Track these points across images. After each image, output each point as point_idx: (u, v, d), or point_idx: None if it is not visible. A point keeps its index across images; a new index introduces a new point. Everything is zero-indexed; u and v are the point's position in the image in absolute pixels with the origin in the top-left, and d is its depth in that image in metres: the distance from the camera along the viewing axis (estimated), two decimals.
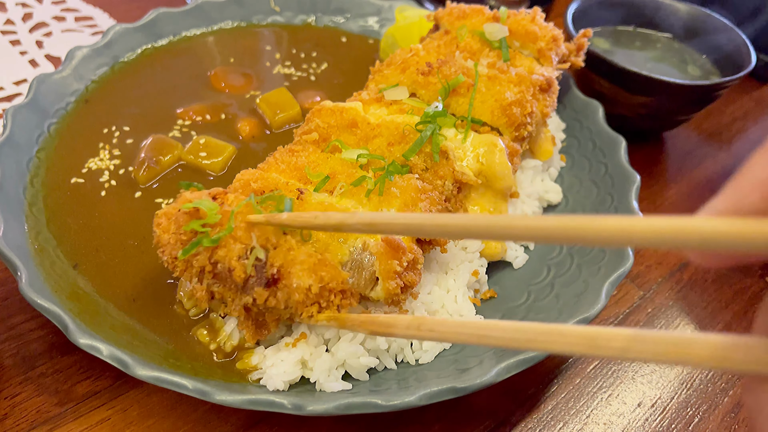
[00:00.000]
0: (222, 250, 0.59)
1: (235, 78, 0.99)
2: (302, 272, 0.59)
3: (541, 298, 0.75)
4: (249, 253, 0.58)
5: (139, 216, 0.78)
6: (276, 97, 0.93)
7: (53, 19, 1.18)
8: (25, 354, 0.70)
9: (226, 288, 0.61)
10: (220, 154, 0.85)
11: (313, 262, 0.60)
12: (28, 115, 0.83)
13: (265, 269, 0.59)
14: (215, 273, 0.60)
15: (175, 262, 0.62)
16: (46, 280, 0.67)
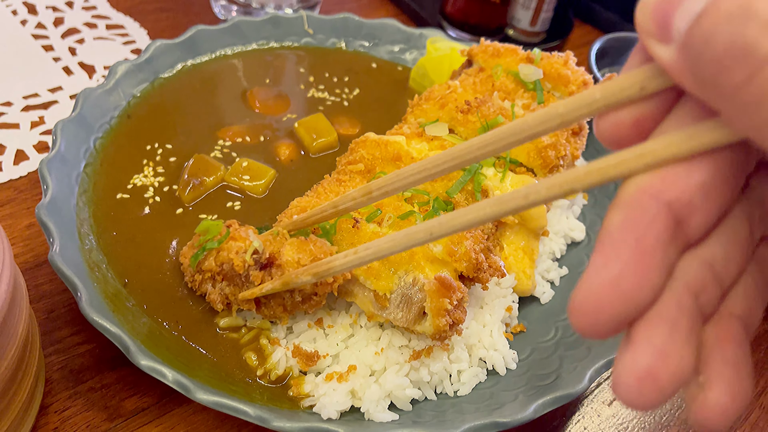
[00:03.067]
0: (225, 251, 0.68)
1: (271, 99, 1.01)
2: (291, 250, 0.66)
3: (568, 335, 0.79)
4: (249, 249, 0.66)
5: (182, 233, 0.81)
6: (314, 122, 0.96)
7: (84, 26, 1.19)
8: (72, 368, 0.72)
9: (236, 287, 0.69)
10: (263, 177, 0.87)
11: (301, 241, 0.68)
12: (75, 129, 0.84)
13: (260, 258, 0.66)
14: (223, 275, 0.69)
15: (194, 278, 0.71)
16: (103, 299, 0.69)
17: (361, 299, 0.69)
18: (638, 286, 0.29)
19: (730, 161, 0.30)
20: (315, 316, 0.73)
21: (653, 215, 0.30)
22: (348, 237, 0.69)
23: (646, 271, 0.29)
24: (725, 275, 0.32)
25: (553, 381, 0.71)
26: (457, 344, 0.72)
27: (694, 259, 0.31)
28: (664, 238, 0.30)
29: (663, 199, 0.30)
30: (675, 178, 0.30)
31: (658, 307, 0.30)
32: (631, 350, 0.29)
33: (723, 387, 0.30)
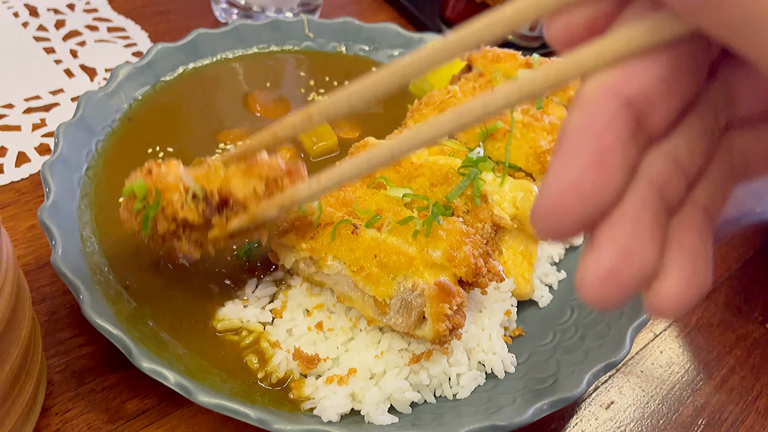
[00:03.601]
0: (169, 207, 0.63)
1: (272, 103, 1.02)
2: (239, 181, 0.63)
3: (566, 339, 0.80)
4: (187, 196, 0.63)
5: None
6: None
7: (86, 28, 1.19)
8: (74, 369, 0.73)
9: (200, 232, 0.66)
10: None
11: (242, 169, 0.63)
12: (77, 132, 0.85)
13: (209, 199, 0.63)
14: (184, 225, 0.65)
15: (150, 242, 0.67)
16: (105, 302, 0.69)
17: (361, 305, 0.70)
18: (599, 188, 0.28)
19: (691, 52, 0.29)
20: (315, 319, 0.73)
21: (612, 114, 0.29)
22: (347, 243, 0.70)
23: (606, 172, 0.28)
24: (690, 167, 0.31)
25: (551, 384, 0.72)
26: (456, 348, 0.73)
27: (658, 155, 0.30)
28: (624, 136, 0.29)
29: (622, 96, 0.29)
30: (634, 73, 0.29)
31: (622, 207, 0.29)
32: (594, 251, 0.29)
33: (679, 275, 0.30)
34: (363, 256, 0.69)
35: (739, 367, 0.90)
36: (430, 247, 0.71)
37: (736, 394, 0.87)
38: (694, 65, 0.30)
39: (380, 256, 0.68)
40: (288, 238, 0.72)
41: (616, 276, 0.28)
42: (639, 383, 0.85)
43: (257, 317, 0.74)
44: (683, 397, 0.85)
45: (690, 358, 0.90)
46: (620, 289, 0.29)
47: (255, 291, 0.77)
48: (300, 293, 0.75)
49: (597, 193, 0.28)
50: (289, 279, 0.78)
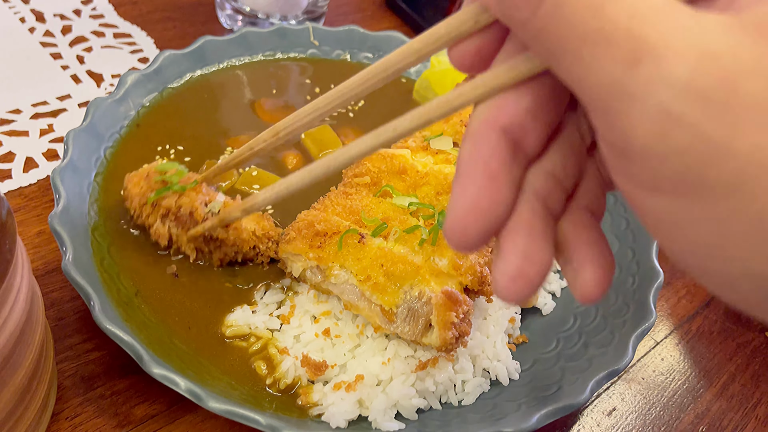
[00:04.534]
0: (187, 197, 0.75)
1: (278, 109, 1.03)
2: (248, 221, 0.77)
3: (570, 346, 0.81)
4: (208, 202, 0.76)
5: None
6: (320, 134, 0.98)
7: (92, 34, 1.20)
8: (83, 375, 0.74)
9: (183, 229, 0.76)
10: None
11: (257, 215, 0.80)
12: (86, 139, 0.86)
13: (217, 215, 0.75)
14: (177, 216, 0.75)
15: (142, 209, 0.77)
16: (116, 308, 0.70)
17: (368, 313, 0.71)
18: (493, 203, 0.34)
19: (551, 84, 0.35)
20: (322, 326, 0.74)
21: (493, 143, 0.34)
22: (354, 252, 0.71)
23: (496, 190, 0.34)
24: (566, 180, 0.37)
25: (555, 391, 0.73)
26: (462, 355, 0.74)
27: (538, 172, 0.36)
28: (506, 159, 0.34)
29: (498, 126, 0.34)
30: (505, 105, 0.34)
31: (515, 217, 0.35)
32: (502, 257, 0.34)
33: (592, 265, 0.36)
34: (369, 265, 0.70)
35: (740, 375, 0.91)
36: (436, 256, 0.72)
37: (736, 402, 0.88)
38: (554, 96, 0.35)
39: (387, 265, 0.69)
40: (295, 246, 0.73)
41: (522, 274, 0.34)
42: (640, 390, 0.86)
43: (265, 323, 0.75)
44: (684, 404, 0.86)
45: (691, 366, 0.91)
46: (528, 285, 0.34)
47: (263, 297, 0.78)
48: (307, 300, 0.76)
49: (491, 208, 0.34)
50: (297, 286, 0.79)
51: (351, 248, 0.71)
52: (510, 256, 0.34)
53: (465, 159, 0.35)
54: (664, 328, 0.96)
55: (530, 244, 0.34)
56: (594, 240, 0.37)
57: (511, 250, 0.34)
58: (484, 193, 0.34)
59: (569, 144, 0.37)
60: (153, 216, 0.77)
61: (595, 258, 0.36)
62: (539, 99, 0.35)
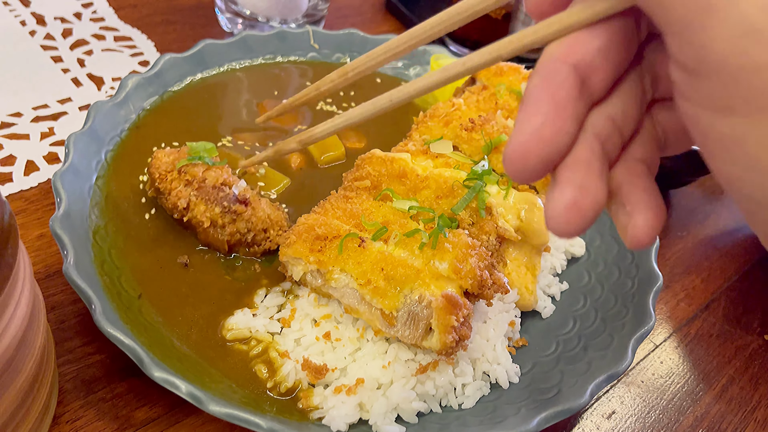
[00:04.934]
0: (213, 172, 0.81)
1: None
2: (264, 207, 0.83)
3: (569, 349, 0.81)
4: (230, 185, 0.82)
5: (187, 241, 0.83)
6: None
7: (93, 37, 1.20)
8: (84, 378, 0.74)
9: (201, 201, 0.80)
10: (277, 185, 0.90)
11: (273, 206, 0.85)
12: (87, 142, 0.86)
13: (239, 195, 0.81)
14: (200, 185, 0.80)
15: (168, 174, 0.81)
16: (116, 311, 0.70)
17: (368, 317, 0.71)
18: (556, 133, 0.35)
19: (624, 28, 0.36)
20: (322, 329, 0.74)
21: (563, 76, 0.35)
22: (354, 256, 0.71)
23: (561, 121, 0.35)
24: (624, 127, 0.38)
25: (555, 395, 0.73)
26: (462, 358, 0.74)
27: (600, 114, 0.37)
28: (573, 94, 0.35)
29: (569, 62, 0.35)
30: (578, 43, 0.36)
31: (575, 153, 0.36)
32: (558, 189, 0.36)
33: (646, 209, 0.37)
34: (370, 269, 0.70)
35: (738, 378, 0.91)
36: (436, 260, 0.72)
37: (735, 404, 0.88)
38: (625, 41, 0.37)
39: (387, 269, 0.69)
40: (295, 250, 0.73)
41: (577, 206, 0.35)
42: (640, 393, 0.87)
43: (266, 327, 0.75)
44: (683, 407, 0.86)
45: (690, 369, 0.91)
46: (581, 217, 0.35)
47: (264, 300, 0.78)
48: (308, 303, 0.76)
49: (554, 138, 0.35)
50: (297, 289, 0.79)
51: (351, 252, 0.72)
52: (567, 186, 0.35)
53: (533, 89, 0.36)
54: (664, 331, 0.96)
55: (587, 178, 0.35)
56: (647, 187, 0.38)
57: (569, 182, 0.36)
58: (549, 122, 0.35)
59: (632, 94, 0.39)
60: (177, 181, 0.81)
61: (649, 203, 0.37)
62: (611, 40, 0.36)
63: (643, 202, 0.37)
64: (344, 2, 1.49)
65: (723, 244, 1.13)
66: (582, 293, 0.90)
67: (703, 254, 1.10)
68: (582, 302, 0.88)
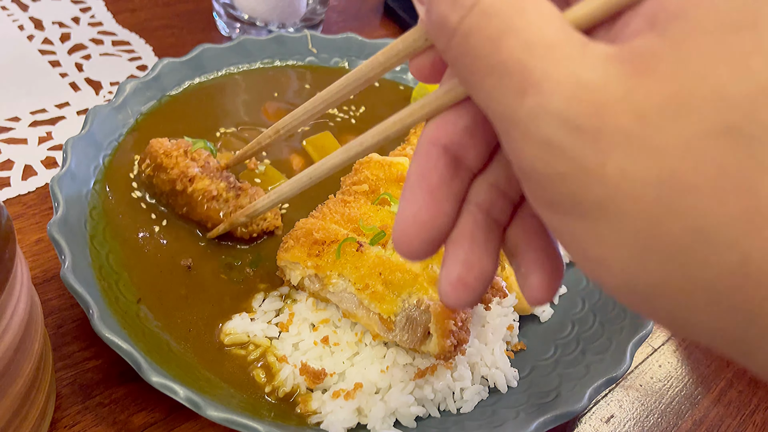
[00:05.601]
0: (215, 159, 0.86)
1: (283, 112, 1.03)
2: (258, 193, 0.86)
3: (568, 353, 0.81)
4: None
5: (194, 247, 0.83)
6: (322, 140, 0.98)
7: (91, 42, 1.20)
8: (81, 383, 0.73)
9: (206, 176, 0.83)
10: (274, 183, 0.92)
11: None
12: (85, 147, 0.86)
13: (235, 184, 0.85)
14: (204, 166, 0.84)
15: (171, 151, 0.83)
16: (114, 315, 0.70)
17: (366, 321, 0.71)
18: (434, 217, 0.37)
19: None
20: (321, 333, 0.74)
21: (435, 159, 0.37)
22: (352, 260, 0.71)
23: (436, 204, 0.37)
24: (510, 190, 0.38)
25: (554, 399, 0.73)
26: (460, 362, 0.74)
27: (481, 184, 0.38)
28: (446, 174, 0.37)
29: (439, 143, 0.37)
30: (445, 124, 0.37)
31: (458, 227, 0.38)
32: (445, 266, 0.38)
33: (540, 270, 0.37)
34: (368, 273, 0.70)
35: (737, 381, 0.91)
36: (434, 264, 0.72)
37: (734, 408, 0.88)
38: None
39: (385, 274, 0.69)
40: (293, 254, 0.73)
41: (462, 281, 0.37)
42: (638, 397, 0.87)
43: (264, 331, 0.75)
44: (682, 411, 0.86)
45: (688, 372, 0.91)
46: (470, 291, 0.37)
47: (262, 305, 0.78)
48: (306, 308, 0.76)
49: (432, 221, 0.37)
50: (295, 293, 0.79)
51: (349, 257, 0.72)
52: (451, 264, 0.37)
53: (410, 174, 0.38)
54: (662, 334, 0.96)
55: (470, 253, 0.37)
56: (542, 246, 0.38)
57: (453, 259, 0.37)
58: (425, 206, 0.36)
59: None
60: (182, 158, 0.83)
61: (543, 263, 0.37)
62: (476, 118, 0.36)
63: (538, 262, 0.37)
64: (342, 6, 1.49)
65: None
66: (580, 297, 0.90)
67: None
68: (580, 306, 0.88)
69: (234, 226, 0.81)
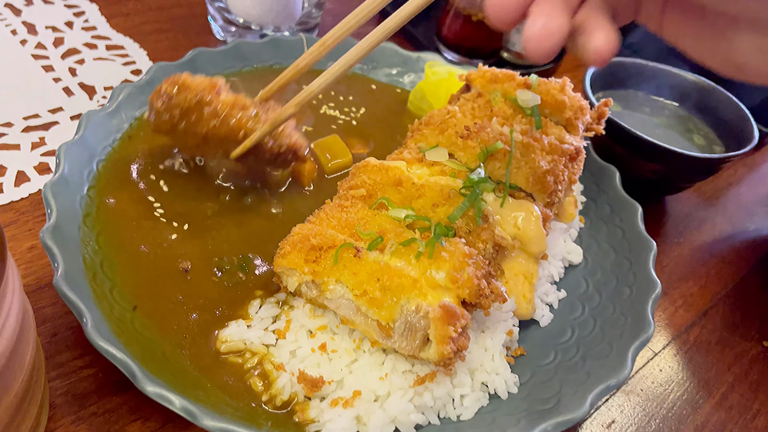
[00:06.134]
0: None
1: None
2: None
3: (568, 358, 0.80)
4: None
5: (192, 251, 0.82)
6: (329, 143, 0.99)
7: (84, 46, 1.19)
8: (75, 392, 0.72)
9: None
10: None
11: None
12: (78, 152, 0.85)
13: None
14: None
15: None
16: (108, 324, 0.69)
17: (364, 328, 0.70)
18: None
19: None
20: (318, 340, 0.73)
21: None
22: (350, 266, 0.70)
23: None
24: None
25: (555, 405, 0.72)
26: (460, 369, 0.73)
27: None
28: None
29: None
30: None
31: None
32: (531, 19, 0.51)
33: (603, 29, 0.52)
34: (366, 279, 0.69)
35: (738, 385, 0.91)
36: (433, 269, 0.71)
37: (735, 413, 0.87)
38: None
39: (383, 279, 0.69)
40: (290, 260, 0.72)
41: (546, 28, 0.51)
42: (639, 402, 0.86)
43: (260, 339, 0.74)
44: (683, 416, 0.85)
45: (689, 377, 0.90)
46: (550, 37, 0.51)
47: (258, 312, 0.77)
48: (303, 314, 0.75)
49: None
50: (292, 300, 0.78)
51: (347, 262, 0.71)
52: (538, 16, 0.51)
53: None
54: (662, 338, 0.95)
55: (552, 10, 0.51)
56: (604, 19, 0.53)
57: (537, 14, 0.51)
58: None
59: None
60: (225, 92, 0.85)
61: (605, 26, 0.52)
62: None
63: (600, 25, 0.52)
64: (338, 10, 1.48)
65: (719, 250, 1.12)
66: (580, 301, 0.89)
67: (699, 260, 1.10)
68: (580, 310, 0.88)
69: (263, 136, 0.82)
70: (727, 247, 1.14)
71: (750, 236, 1.17)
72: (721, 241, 1.14)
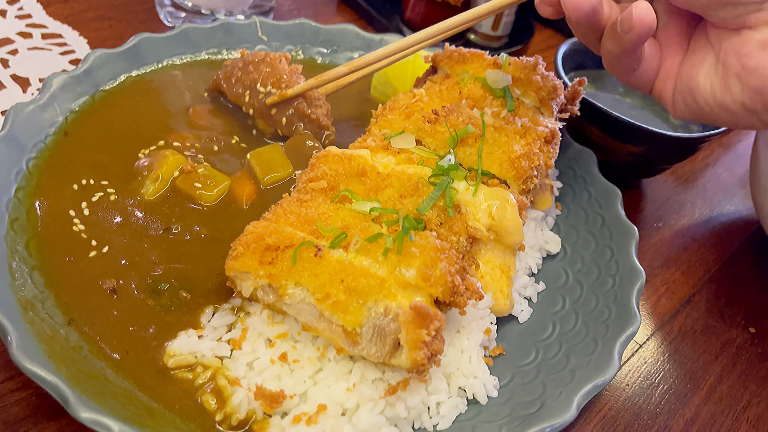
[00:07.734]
0: None
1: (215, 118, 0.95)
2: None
3: (550, 356, 0.75)
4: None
5: (135, 253, 0.74)
6: (268, 154, 0.89)
7: (18, 36, 1.10)
8: (6, 419, 0.64)
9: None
10: (215, 187, 0.83)
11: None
12: (5, 150, 0.76)
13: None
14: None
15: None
16: (38, 342, 0.61)
17: (329, 334, 0.63)
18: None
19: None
20: (278, 350, 0.66)
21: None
22: (310, 267, 0.63)
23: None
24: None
25: (538, 409, 0.67)
26: (435, 374, 0.67)
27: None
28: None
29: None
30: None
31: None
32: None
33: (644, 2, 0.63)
34: (328, 281, 0.62)
35: (726, 375, 0.86)
36: (402, 266, 0.65)
37: (725, 405, 0.83)
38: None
39: (348, 280, 0.62)
40: (243, 263, 0.65)
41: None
42: (628, 397, 0.81)
43: (213, 350, 0.66)
44: (672, 410, 0.81)
45: (676, 368, 0.86)
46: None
47: (211, 320, 0.69)
48: (260, 321, 0.68)
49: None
50: (248, 306, 0.71)
51: (306, 263, 0.64)
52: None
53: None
54: (646, 329, 0.90)
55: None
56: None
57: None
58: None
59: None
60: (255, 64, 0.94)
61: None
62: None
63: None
64: None
65: (700, 234, 1.08)
66: (560, 294, 0.84)
67: (680, 245, 1.05)
68: (561, 303, 0.82)
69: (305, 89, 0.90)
70: (708, 230, 1.09)
71: (730, 218, 1.13)
72: (701, 224, 1.10)
